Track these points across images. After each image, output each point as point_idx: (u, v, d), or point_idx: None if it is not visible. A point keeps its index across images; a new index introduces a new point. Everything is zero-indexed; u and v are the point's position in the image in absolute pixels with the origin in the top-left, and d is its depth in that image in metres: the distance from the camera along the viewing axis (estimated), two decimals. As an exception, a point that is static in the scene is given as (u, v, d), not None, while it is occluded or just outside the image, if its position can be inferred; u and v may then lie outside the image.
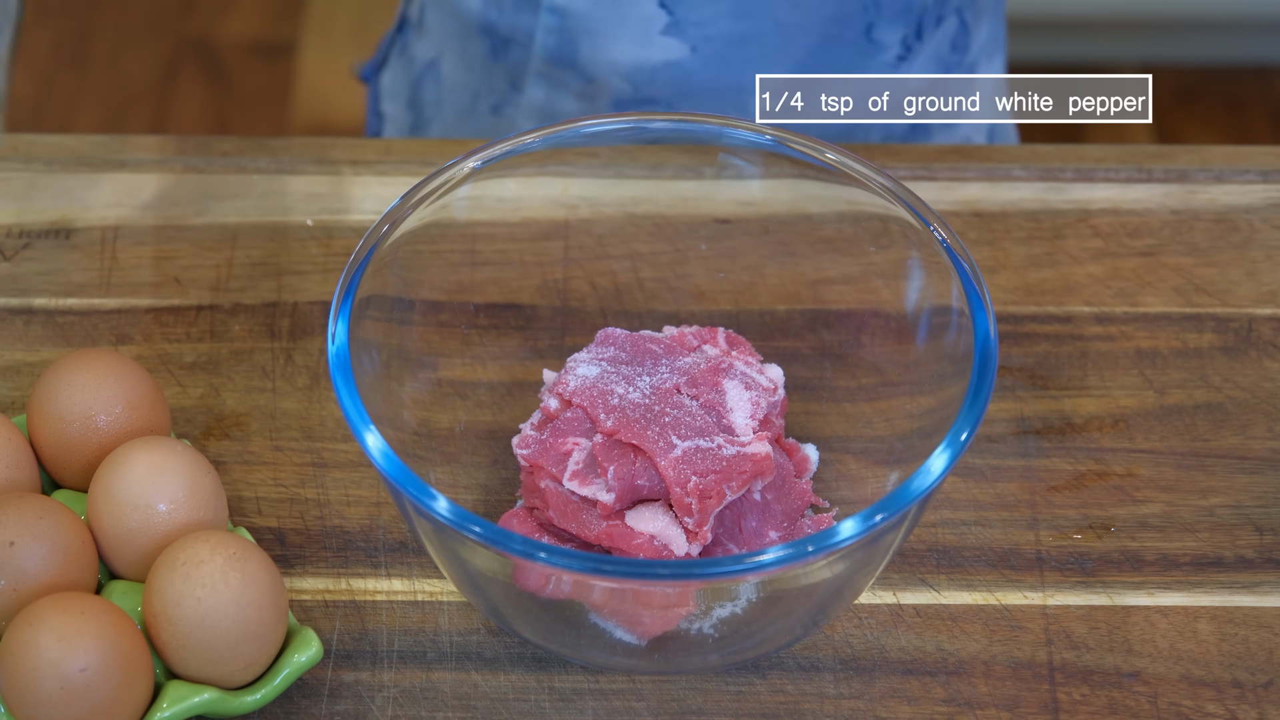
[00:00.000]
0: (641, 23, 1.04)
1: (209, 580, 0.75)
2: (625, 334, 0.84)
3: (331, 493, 0.86)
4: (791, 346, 0.89)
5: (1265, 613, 0.83)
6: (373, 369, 0.80)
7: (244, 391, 0.90)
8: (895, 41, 1.07)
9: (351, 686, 0.80)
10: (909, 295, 0.84)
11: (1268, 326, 0.93)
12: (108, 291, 0.94)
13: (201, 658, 0.75)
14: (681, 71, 1.05)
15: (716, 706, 0.79)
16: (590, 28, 1.05)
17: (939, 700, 0.80)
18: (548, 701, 0.79)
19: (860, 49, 1.06)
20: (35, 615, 0.74)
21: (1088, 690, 0.80)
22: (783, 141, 0.85)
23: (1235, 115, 2.17)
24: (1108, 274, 0.96)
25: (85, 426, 0.81)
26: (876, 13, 1.05)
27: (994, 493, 0.86)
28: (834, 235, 0.87)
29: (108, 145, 1.01)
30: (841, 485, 0.85)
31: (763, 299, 0.90)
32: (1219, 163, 1.01)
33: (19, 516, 0.77)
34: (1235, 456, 0.88)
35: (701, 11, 1.03)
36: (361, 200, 0.99)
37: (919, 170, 0.99)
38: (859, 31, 1.05)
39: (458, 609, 0.82)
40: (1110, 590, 0.83)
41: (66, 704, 0.72)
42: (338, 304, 0.78)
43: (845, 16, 1.04)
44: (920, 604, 0.83)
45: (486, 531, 0.72)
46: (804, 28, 1.04)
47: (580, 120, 0.85)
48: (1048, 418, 0.89)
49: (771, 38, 1.04)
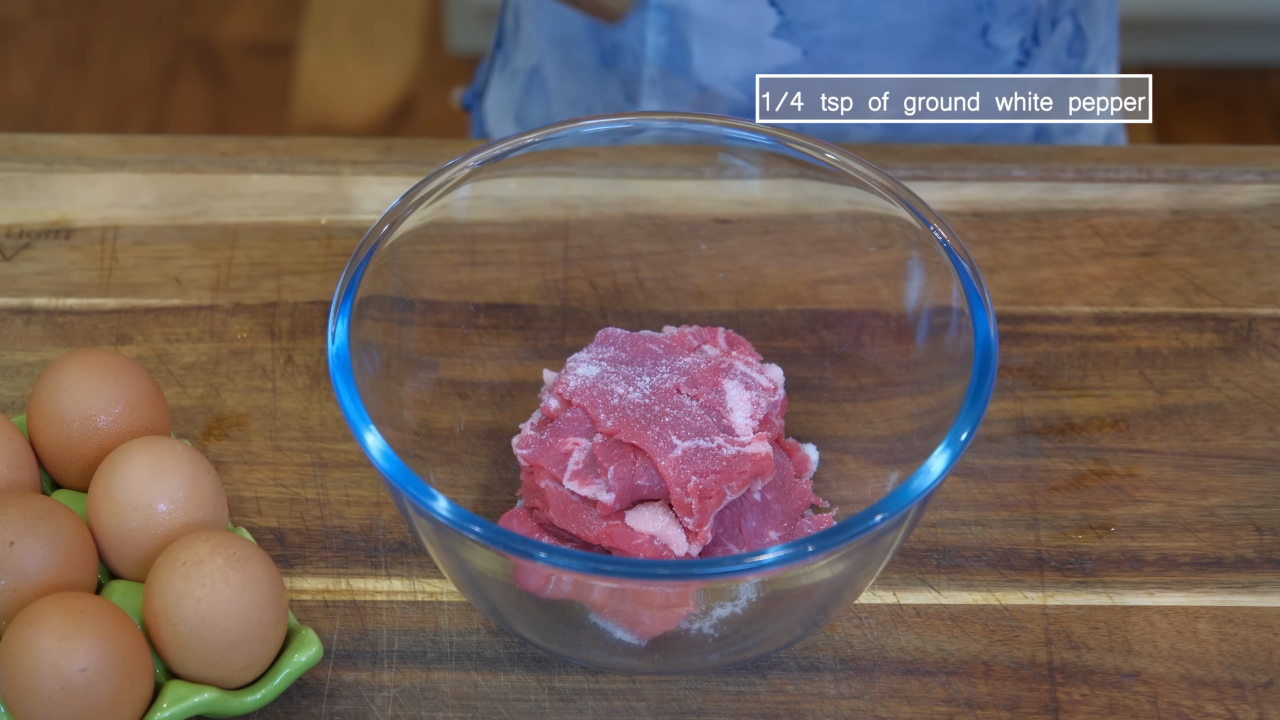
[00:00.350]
0: (751, 23, 1.02)
1: (209, 580, 0.75)
2: (625, 334, 0.84)
3: (331, 493, 0.86)
4: (791, 346, 0.89)
5: (1265, 613, 0.83)
6: (373, 369, 0.80)
7: (244, 391, 0.90)
8: (1013, 45, 1.05)
9: (351, 686, 0.80)
10: (909, 295, 0.84)
11: (1268, 326, 0.93)
12: (108, 291, 0.94)
13: (201, 658, 0.75)
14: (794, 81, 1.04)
15: (716, 706, 0.79)
16: (701, 27, 1.03)
17: (939, 700, 0.80)
18: (548, 701, 0.79)
19: (977, 52, 1.05)
20: (35, 615, 0.74)
21: (1088, 690, 0.80)
22: (783, 141, 0.85)
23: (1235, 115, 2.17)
24: (1108, 274, 0.96)
25: (85, 426, 0.81)
26: (991, 13, 1.02)
27: (994, 493, 0.86)
28: (834, 235, 0.87)
29: (107, 145, 1.01)
30: (841, 485, 0.85)
31: (763, 299, 0.90)
32: (1219, 163, 1.01)
33: (19, 516, 0.77)
34: (1235, 456, 0.88)
35: (812, 11, 1.01)
36: (361, 200, 0.99)
37: (919, 170, 0.99)
38: (974, 34, 1.03)
39: (458, 609, 0.82)
40: (1110, 590, 0.83)
41: (66, 704, 0.72)
42: (338, 304, 0.78)
43: (958, 17, 1.02)
44: (920, 604, 0.83)
45: (486, 531, 0.72)
46: (916, 27, 1.02)
47: (580, 120, 0.85)
48: (1048, 418, 0.89)
49: (883, 39, 1.02)
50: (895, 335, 0.85)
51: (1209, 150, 1.01)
